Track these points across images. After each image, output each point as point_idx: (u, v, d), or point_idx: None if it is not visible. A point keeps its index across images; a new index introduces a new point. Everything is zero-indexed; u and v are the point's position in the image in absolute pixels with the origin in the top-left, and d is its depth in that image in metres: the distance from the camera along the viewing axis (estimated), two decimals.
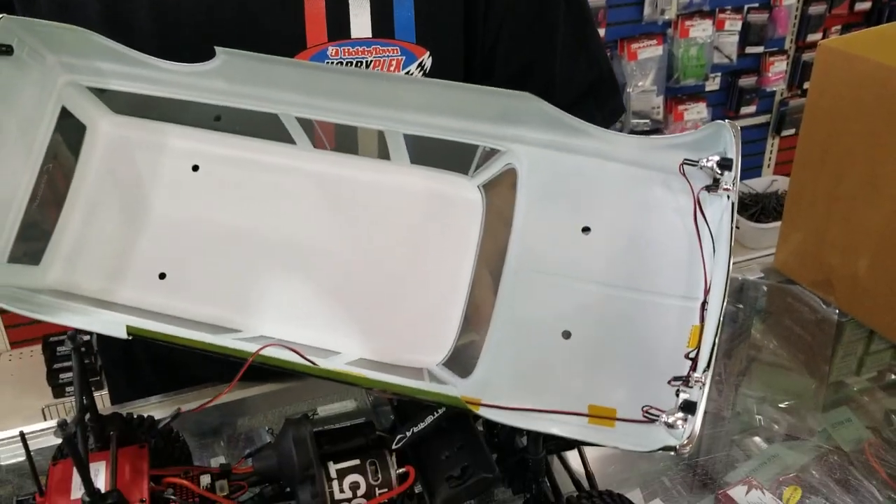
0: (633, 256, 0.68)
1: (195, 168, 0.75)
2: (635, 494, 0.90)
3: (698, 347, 0.60)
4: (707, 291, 0.63)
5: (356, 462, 0.70)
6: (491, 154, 0.73)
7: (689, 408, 0.56)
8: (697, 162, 0.66)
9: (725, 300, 0.58)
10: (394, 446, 0.72)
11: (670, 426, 0.57)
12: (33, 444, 0.92)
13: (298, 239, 0.74)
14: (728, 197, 0.63)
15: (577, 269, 0.68)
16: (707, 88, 3.16)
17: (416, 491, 0.70)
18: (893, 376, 1.14)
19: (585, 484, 0.76)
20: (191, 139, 0.76)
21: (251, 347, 0.59)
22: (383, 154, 0.74)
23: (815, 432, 1.02)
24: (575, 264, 0.68)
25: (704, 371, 0.57)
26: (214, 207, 0.75)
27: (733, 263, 0.61)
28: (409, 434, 0.72)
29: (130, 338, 0.60)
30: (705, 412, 0.57)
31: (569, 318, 0.66)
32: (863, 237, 1.11)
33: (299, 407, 1.04)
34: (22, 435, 0.62)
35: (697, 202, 0.66)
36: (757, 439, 1.01)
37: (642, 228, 0.68)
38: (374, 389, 0.62)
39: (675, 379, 0.60)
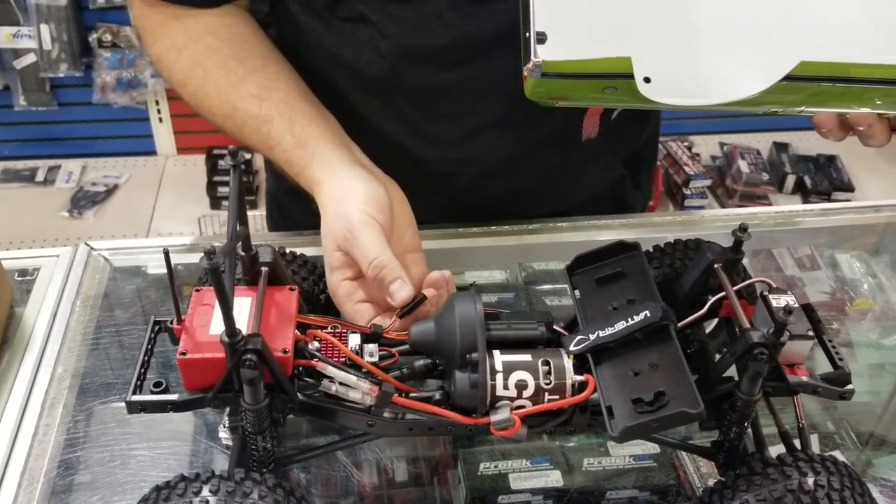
0: None
1: None
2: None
3: None
4: None
5: (527, 358, 0.59)
6: None
7: None
8: None
9: None
10: (572, 348, 0.60)
11: None
12: (183, 258, 0.88)
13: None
14: None
15: None
16: None
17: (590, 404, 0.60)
18: None
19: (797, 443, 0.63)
20: None
21: None
22: None
23: None
24: None
25: None
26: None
27: None
28: (593, 337, 0.60)
29: None
30: None
31: None
32: None
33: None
34: (166, 254, 0.55)
35: None
36: None
37: None
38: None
39: None
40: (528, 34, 0.58)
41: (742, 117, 2.69)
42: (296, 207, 1.01)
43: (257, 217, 1.25)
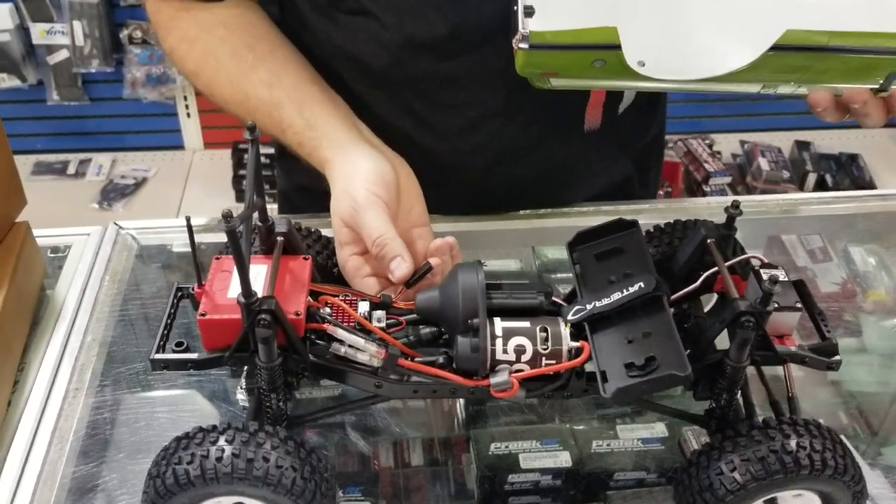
0: None
1: None
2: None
3: None
4: None
5: (526, 324, 0.62)
6: None
7: None
8: None
9: None
10: (569, 317, 0.63)
11: None
12: (206, 237, 0.92)
13: None
14: None
15: None
16: None
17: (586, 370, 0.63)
18: None
19: (786, 409, 0.66)
20: None
21: None
22: None
23: None
24: None
25: None
26: None
27: None
28: (590, 307, 0.63)
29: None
30: None
31: None
32: None
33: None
34: (188, 220, 0.58)
35: None
36: None
37: None
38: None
39: None
40: (515, 7, 0.59)
41: (763, 115, 2.69)
42: (306, 204, 1.04)
43: (274, 210, 1.28)
